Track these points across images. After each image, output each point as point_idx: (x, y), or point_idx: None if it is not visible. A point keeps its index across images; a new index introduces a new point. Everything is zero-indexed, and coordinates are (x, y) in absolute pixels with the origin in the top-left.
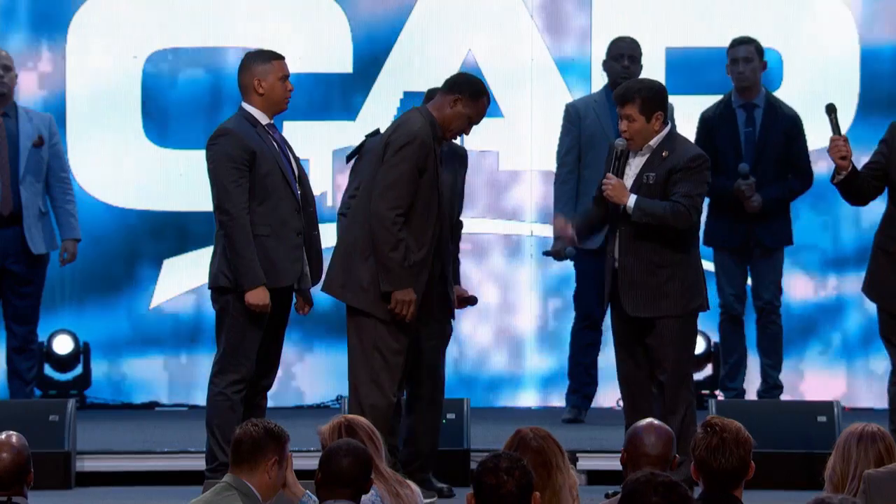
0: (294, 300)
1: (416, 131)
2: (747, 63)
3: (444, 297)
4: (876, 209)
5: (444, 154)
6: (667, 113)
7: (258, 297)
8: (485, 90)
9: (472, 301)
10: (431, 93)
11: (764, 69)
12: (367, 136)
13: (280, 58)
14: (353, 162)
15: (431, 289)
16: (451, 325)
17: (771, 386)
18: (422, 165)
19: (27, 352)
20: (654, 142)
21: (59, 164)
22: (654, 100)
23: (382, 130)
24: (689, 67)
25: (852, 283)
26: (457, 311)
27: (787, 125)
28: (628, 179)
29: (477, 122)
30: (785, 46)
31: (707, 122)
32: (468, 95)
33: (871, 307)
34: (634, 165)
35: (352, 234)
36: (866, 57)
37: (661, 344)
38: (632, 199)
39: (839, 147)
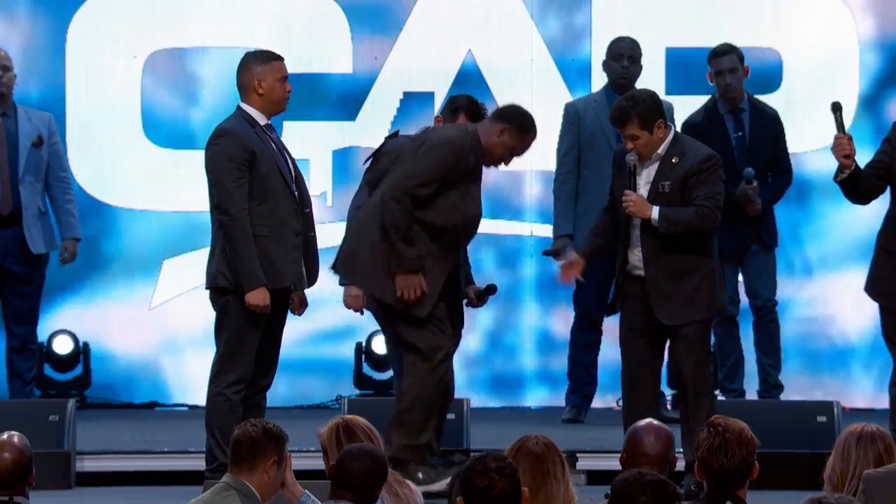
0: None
1: (450, 138)
2: (733, 74)
3: (457, 302)
4: (874, 208)
5: None
6: (665, 117)
7: (258, 297)
8: (533, 126)
9: (492, 290)
10: (453, 101)
11: (746, 74)
12: (386, 138)
13: (279, 58)
14: (367, 163)
15: (448, 299)
16: (461, 331)
17: (771, 386)
18: (445, 172)
19: (27, 352)
20: (661, 149)
21: (58, 164)
22: (651, 111)
23: (402, 132)
24: (689, 67)
25: (853, 283)
26: (477, 308)
27: (772, 126)
28: (641, 190)
29: (519, 156)
30: (785, 46)
31: (693, 128)
32: (516, 128)
33: (872, 307)
34: (645, 175)
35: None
36: (866, 56)
37: (686, 348)
38: (655, 212)
39: (843, 146)
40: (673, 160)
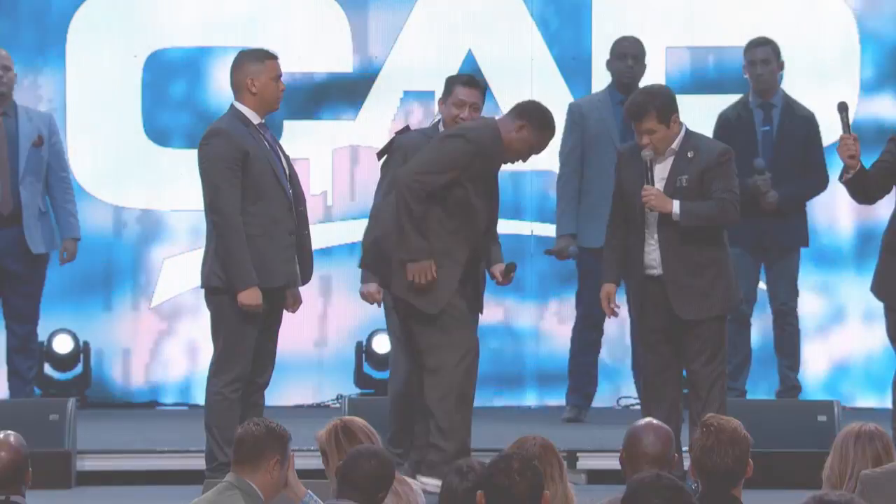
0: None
1: (470, 129)
2: (766, 65)
3: (477, 295)
4: (876, 207)
5: None
6: (678, 112)
7: (250, 297)
8: (552, 123)
9: (512, 267)
10: (449, 79)
11: (781, 69)
12: (397, 133)
13: (273, 57)
14: (383, 160)
15: (467, 291)
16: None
17: (789, 387)
18: (463, 164)
19: (27, 351)
20: (675, 144)
21: (59, 164)
22: (668, 105)
23: (413, 128)
24: (688, 67)
25: (855, 282)
26: (504, 285)
27: (805, 125)
28: (657, 185)
29: (538, 153)
30: (785, 46)
31: (725, 122)
32: (536, 125)
33: (875, 306)
34: (658, 171)
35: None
36: (866, 55)
37: (703, 343)
38: (676, 206)
39: (849, 146)
40: (689, 154)
